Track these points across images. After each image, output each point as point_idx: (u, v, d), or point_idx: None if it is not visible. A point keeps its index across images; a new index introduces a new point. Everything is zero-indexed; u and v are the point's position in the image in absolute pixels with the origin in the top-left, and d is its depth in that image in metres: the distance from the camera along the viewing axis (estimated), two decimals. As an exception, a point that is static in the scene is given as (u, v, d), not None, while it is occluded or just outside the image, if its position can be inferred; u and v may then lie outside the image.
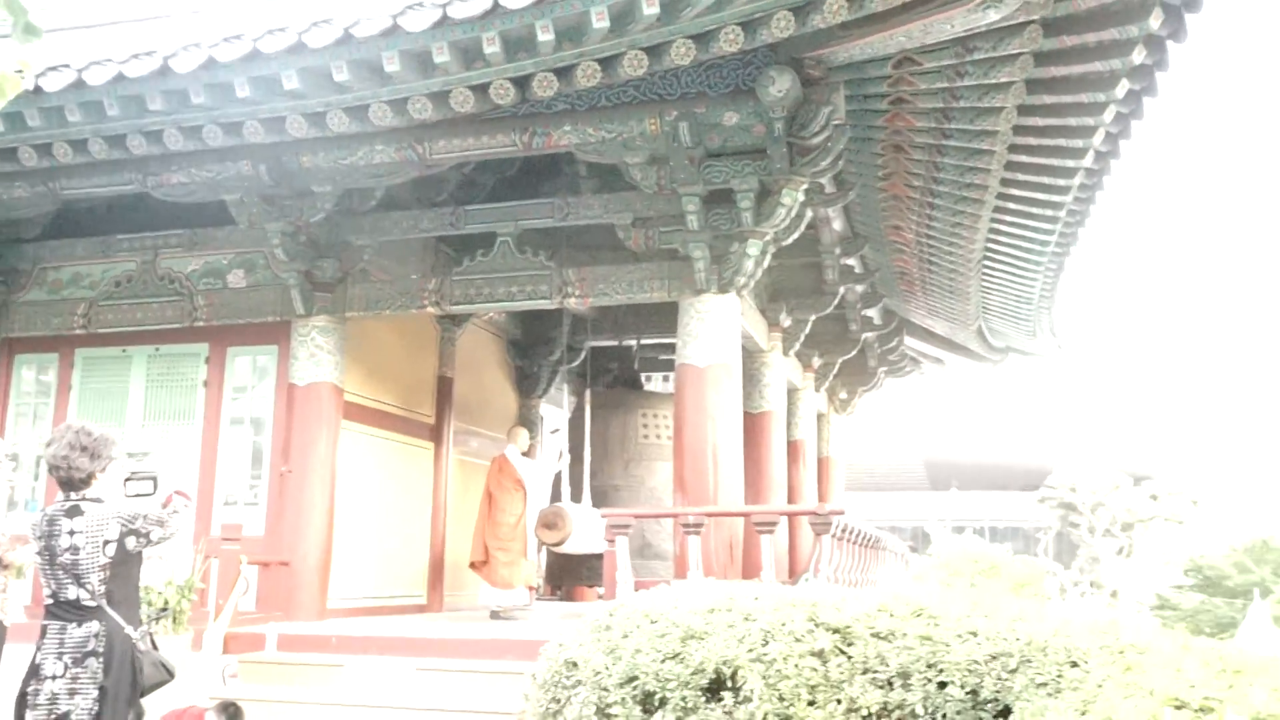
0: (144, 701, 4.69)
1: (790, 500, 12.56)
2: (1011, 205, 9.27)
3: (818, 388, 14.55)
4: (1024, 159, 8.40)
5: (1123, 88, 7.27)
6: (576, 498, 11.55)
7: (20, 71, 2.40)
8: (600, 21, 6.57)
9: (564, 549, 10.75)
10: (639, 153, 8.44)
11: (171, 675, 4.71)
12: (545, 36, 6.72)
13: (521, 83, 7.33)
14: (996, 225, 9.77)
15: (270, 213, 9.35)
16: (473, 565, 10.68)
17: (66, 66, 7.73)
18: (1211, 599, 28.61)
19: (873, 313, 13.68)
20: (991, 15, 6.44)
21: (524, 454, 11.17)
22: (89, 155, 8.48)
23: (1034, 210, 9.33)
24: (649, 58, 7.00)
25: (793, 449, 13.37)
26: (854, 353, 14.15)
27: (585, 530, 10.47)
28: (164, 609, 7.07)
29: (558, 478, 11.89)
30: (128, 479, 4.92)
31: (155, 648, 4.70)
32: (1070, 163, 8.30)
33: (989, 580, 31.75)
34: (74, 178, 9.33)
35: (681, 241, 8.80)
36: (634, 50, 6.94)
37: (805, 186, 8.43)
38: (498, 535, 10.43)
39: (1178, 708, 2.76)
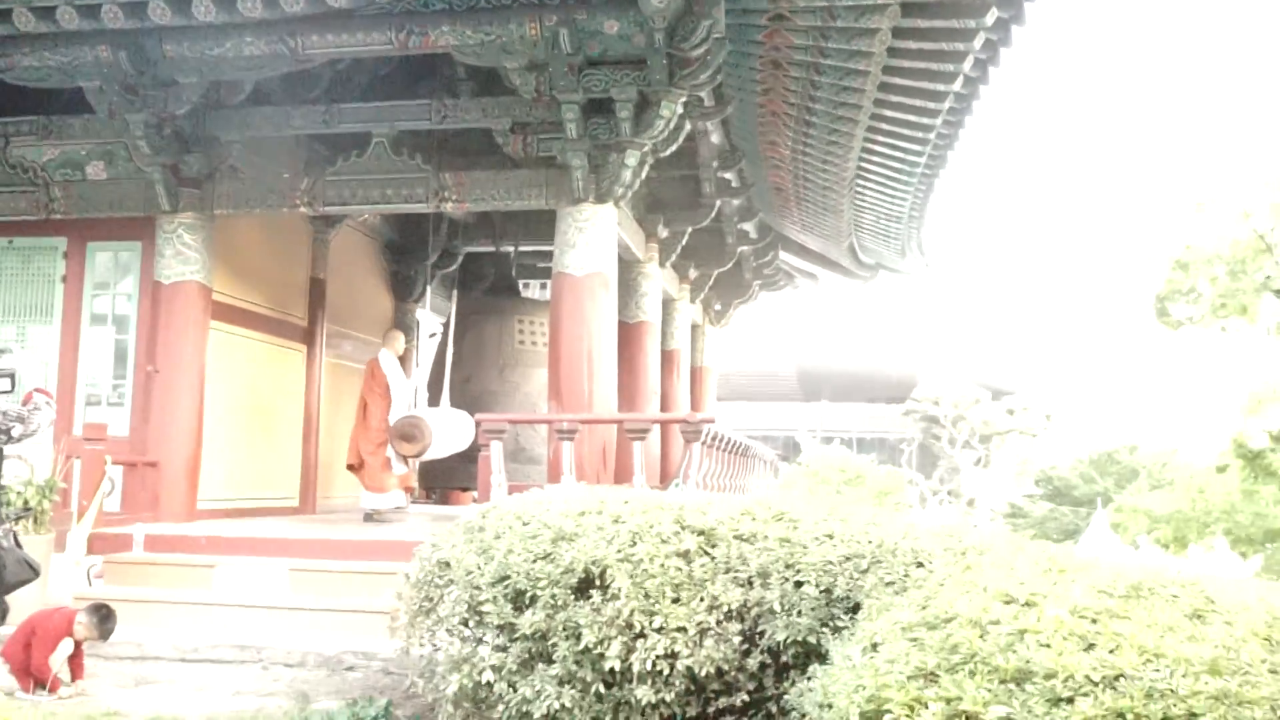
0: (9, 599, 4.65)
1: (664, 409, 12.83)
2: (884, 125, 9.48)
3: (693, 299, 14.77)
4: (897, 81, 8.58)
5: (992, 15, 7.47)
6: (435, 402, 11.54)
7: None
8: (481, -81, 6.44)
9: (428, 457, 10.74)
10: (518, 57, 8.34)
11: (36, 573, 4.69)
12: (425, -69, 6.56)
13: (400, -22, 7.15)
14: (869, 145, 9.99)
15: (132, 103, 8.97)
16: (350, 468, 10.67)
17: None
18: (1059, 508, 30.37)
19: (749, 227, 13.89)
20: (869, -64, 6.53)
21: (399, 358, 11.10)
22: (-68, 34, 7.99)
23: (905, 131, 9.55)
24: (529, -41, 6.89)
25: (668, 358, 13.61)
26: (730, 265, 14.36)
27: (449, 434, 10.46)
28: (26, 508, 6.91)
29: (415, 393, 11.80)
30: (-15, 377, 4.80)
31: (19, 545, 4.66)
32: (941, 86, 8.52)
33: (854, 489, 33.02)
34: (-85, 57, 8.78)
35: (560, 150, 8.79)
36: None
37: (684, 99, 8.48)
38: (369, 439, 10.40)
39: (1006, 602, 3.00)
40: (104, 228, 9.89)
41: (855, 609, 4.02)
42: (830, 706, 2.82)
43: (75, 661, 6.13)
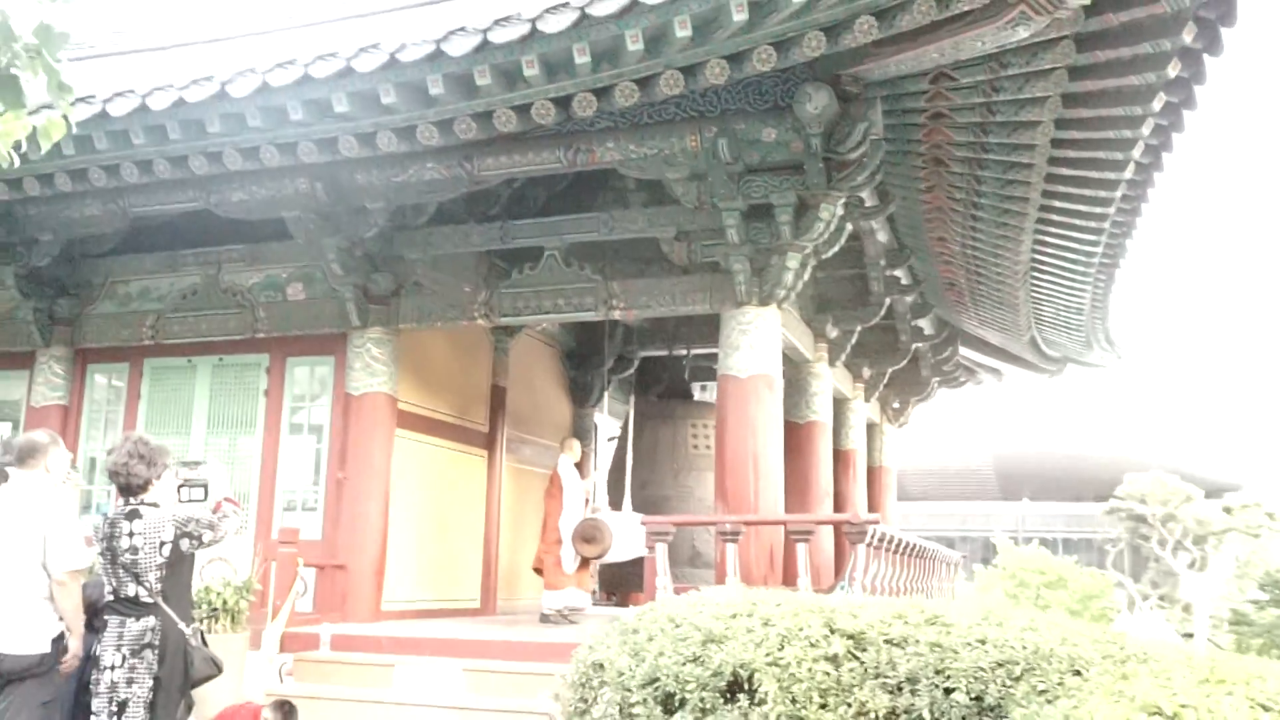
0: (198, 693, 4.99)
1: (839, 509, 12.62)
2: (1055, 217, 9.28)
3: (868, 398, 14.59)
4: (1064, 171, 8.42)
5: (1160, 101, 7.28)
6: (616, 506, 11.71)
7: (65, 117, 2.66)
8: (635, 44, 6.78)
9: (609, 559, 10.92)
10: (680, 169, 8.62)
11: (220, 669, 5.00)
12: (582, 59, 6.94)
13: (562, 103, 7.56)
14: (1041, 237, 9.78)
15: (326, 228, 9.69)
16: (535, 570, 10.94)
17: (131, 92, 8.14)
18: (1289, 615, 27.94)
19: (923, 323, 13.71)
20: (1021, 33, 6.52)
21: (576, 464, 11.37)
22: (154, 175, 8.88)
23: (1078, 222, 9.33)
24: (685, 77, 7.18)
25: (842, 458, 13.45)
26: (905, 363, 14.16)
27: (628, 538, 10.63)
28: (213, 609, 7.39)
29: (593, 489, 12.03)
30: (181, 486, 5.24)
31: (205, 644, 5.01)
32: (1111, 175, 8.31)
33: (1054, 592, 31.34)
34: (141, 195, 9.74)
35: (722, 255, 8.97)
36: (670, 70, 7.12)
37: (843, 200, 8.55)
38: (547, 540, 10.66)
39: (1151, 714, 2.87)
40: (301, 344, 10.63)
41: (1006, 718, 3.87)
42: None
43: (261, 756, 6.46)
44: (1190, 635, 32.11)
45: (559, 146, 8.74)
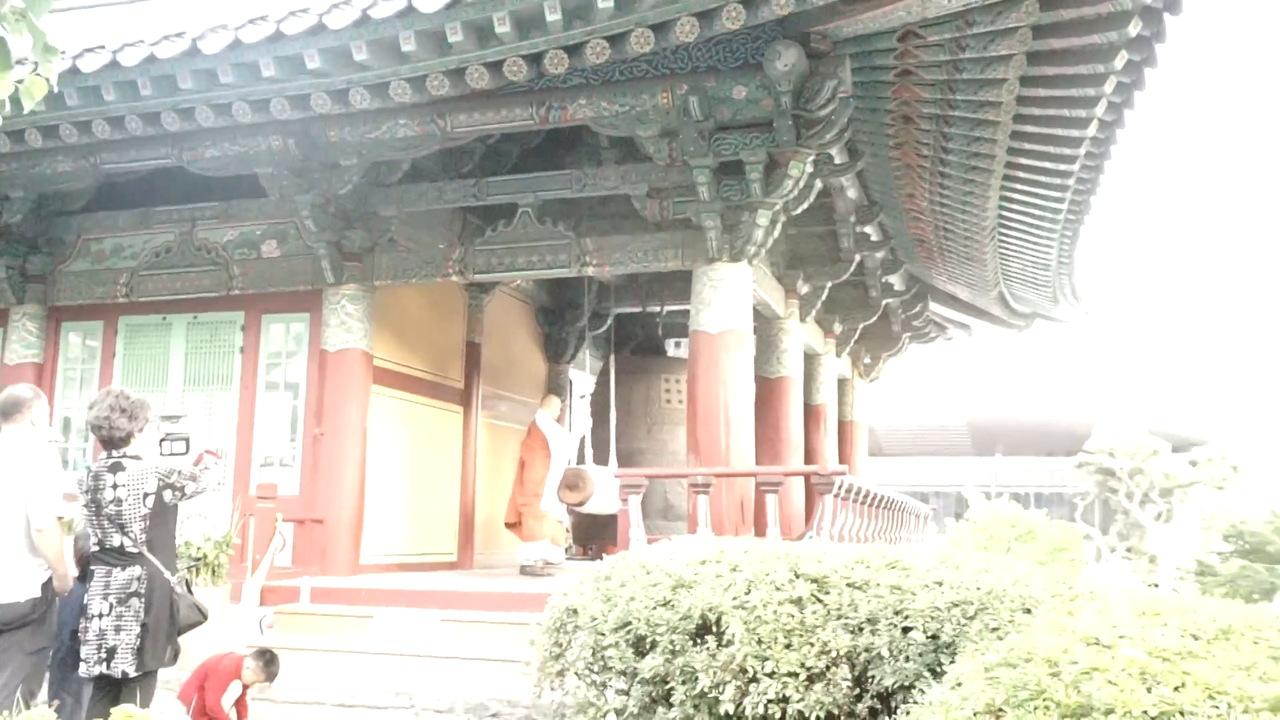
0: (182, 641, 5.12)
1: (809, 463, 12.83)
2: (1020, 174, 9.43)
3: (839, 353, 14.78)
4: (1029, 129, 8.55)
5: (1122, 59, 7.40)
6: (601, 460, 11.90)
7: (44, 77, 2.74)
8: (605, 2, 6.83)
9: (588, 509, 11.12)
10: (651, 126, 8.70)
11: (205, 616, 5.14)
12: (554, 16, 6.99)
13: (534, 60, 7.61)
14: (1007, 193, 9.93)
15: (300, 185, 9.71)
16: (508, 525, 11.11)
17: (102, 48, 8.12)
18: (1252, 564, 28.48)
19: (894, 279, 13.87)
20: (986, -10, 6.62)
21: (555, 420, 11.53)
22: (126, 132, 8.86)
23: (1043, 179, 9.47)
24: (655, 35, 7.24)
25: (813, 413, 13.65)
26: (875, 319, 14.34)
27: (609, 491, 10.81)
28: (196, 559, 7.52)
29: (583, 441, 12.24)
30: (163, 439, 5.35)
31: (190, 591, 5.14)
32: (1075, 132, 8.44)
33: (1025, 545, 31.81)
34: (113, 152, 9.71)
35: (694, 211, 9.08)
36: (641, 28, 7.18)
37: (813, 158, 8.66)
38: (524, 495, 10.81)
39: (1089, 644, 3.03)
40: (276, 301, 10.69)
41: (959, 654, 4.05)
42: (902, 741, 2.91)
43: (241, 704, 6.61)
44: (1156, 585, 32.75)
45: (532, 104, 8.78)
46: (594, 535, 13.58)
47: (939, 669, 4.07)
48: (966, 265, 12.92)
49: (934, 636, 4.26)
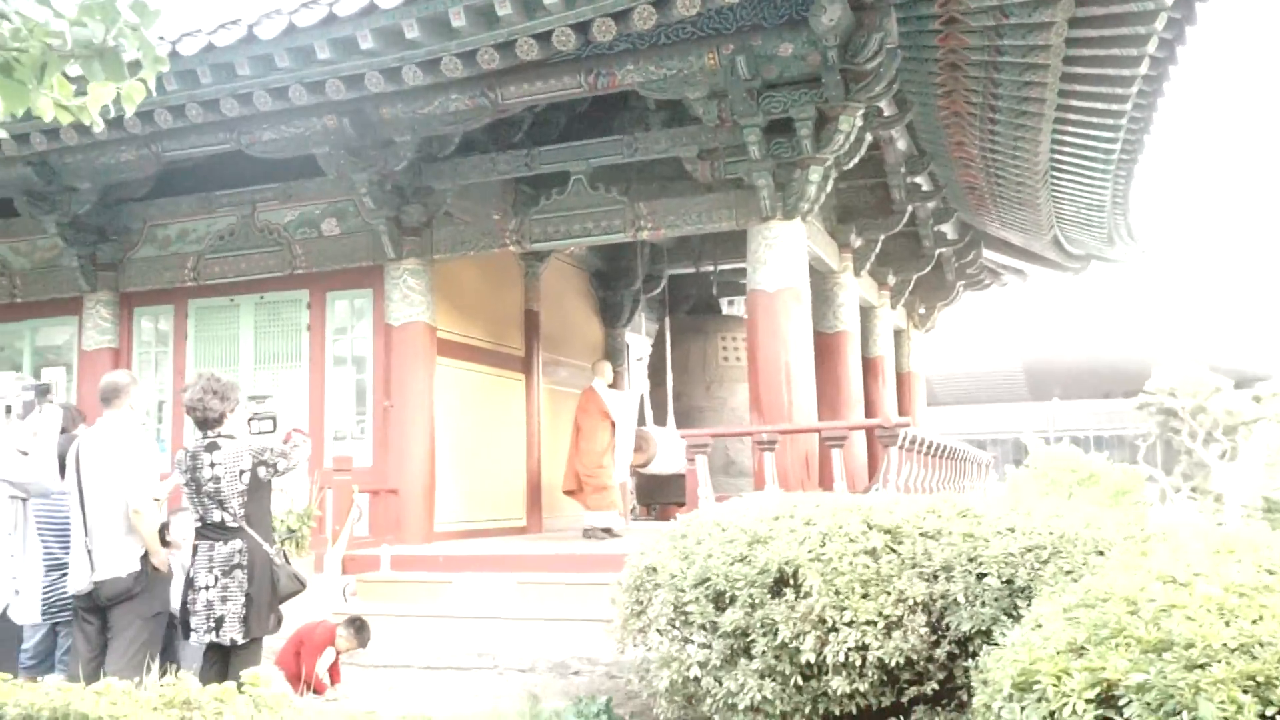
0: (281, 609, 5.37)
1: (869, 416, 12.90)
2: (1072, 116, 9.36)
3: (894, 305, 14.78)
4: (1079, 70, 8.48)
5: (1173, -7, 7.33)
6: (661, 421, 12.04)
7: (143, 81, 2.90)
8: (653, -32, 6.88)
9: (651, 470, 11.29)
10: (699, 87, 8.74)
11: (303, 585, 5.39)
12: (601, -16, 7.06)
13: (582, 28, 7.68)
14: (1059, 136, 9.86)
15: (356, 163, 9.88)
16: (567, 492, 11.24)
17: (162, 39, 8.30)
18: (1322, 500, 28.12)
19: (946, 228, 13.82)
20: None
21: (610, 384, 11.66)
22: (186, 119, 9.07)
23: (1095, 120, 9.40)
24: (701, -3, 7.28)
25: (871, 366, 13.70)
26: (929, 269, 14.31)
27: (670, 451, 10.98)
28: (290, 531, 7.80)
29: (642, 402, 12.40)
30: (251, 419, 5.58)
31: (288, 562, 5.39)
32: (1126, 71, 8.37)
33: (1087, 489, 31.63)
34: (173, 140, 9.91)
35: (745, 171, 9.13)
36: (687, -10, 7.22)
37: (862, 111, 8.67)
38: (585, 463, 10.89)
39: (1165, 582, 3.13)
40: (339, 278, 10.92)
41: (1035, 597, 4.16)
42: (986, 682, 3.04)
43: (334, 669, 6.90)
44: (1223, 524, 32.40)
45: (579, 71, 8.85)
46: (656, 495, 13.79)
47: (1015, 613, 4.19)
48: (1019, 210, 12.84)
49: (1009, 581, 4.38)
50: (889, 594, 4.59)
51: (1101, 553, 4.27)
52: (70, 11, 2.62)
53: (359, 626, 6.79)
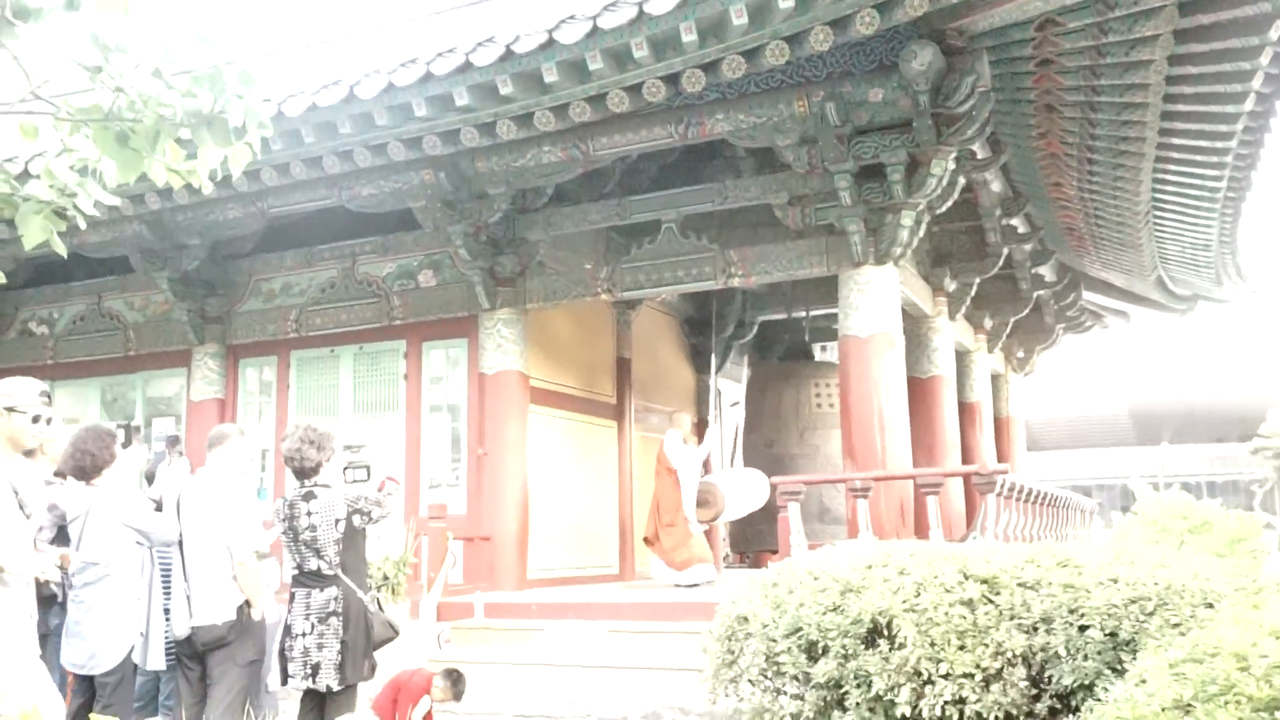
0: (376, 655, 5.45)
1: (966, 462, 12.65)
2: (1174, 154, 9.14)
3: (991, 348, 14.51)
4: (1181, 108, 8.30)
5: (1277, 29, 7.15)
6: (729, 464, 11.89)
7: (249, 144, 3.03)
8: (739, 18, 6.95)
9: (725, 518, 11.15)
10: (789, 134, 8.77)
11: (397, 632, 5.46)
12: (689, 37, 7.15)
13: (671, 80, 7.78)
14: (1161, 175, 9.63)
15: (452, 216, 10.11)
16: (646, 541, 11.18)
17: (267, 101, 8.63)
18: None
19: (1044, 270, 13.55)
20: (1127, -27, 6.49)
21: (690, 434, 11.53)
22: (290, 177, 9.42)
23: (1199, 158, 9.16)
24: (790, 46, 7.32)
25: (967, 411, 13.45)
26: (1027, 311, 14.04)
27: (740, 497, 10.83)
28: (384, 578, 7.92)
29: (734, 445, 12.31)
30: (346, 468, 5.70)
31: (382, 609, 5.47)
32: (1230, 108, 8.16)
33: (1199, 537, 30.48)
34: (278, 197, 10.30)
35: (836, 217, 9.11)
36: (775, 40, 7.27)
37: (954, 154, 8.60)
38: (660, 518, 10.82)
39: (1278, 637, 3.00)
40: (435, 328, 11.15)
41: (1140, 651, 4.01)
42: (1089, 738, 2.94)
43: (428, 718, 6.94)
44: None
45: (669, 122, 8.96)
46: (751, 542, 13.68)
47: (1119, 666, 4.04)
48: (1121, 251, 12.54)
49: (1112, 634, 4.23)
50: (986, 646, 4.47)
51: (1210, 605, 4.11)
52: (180, 83, 2.77)
53: (455, 679, 6.84)
